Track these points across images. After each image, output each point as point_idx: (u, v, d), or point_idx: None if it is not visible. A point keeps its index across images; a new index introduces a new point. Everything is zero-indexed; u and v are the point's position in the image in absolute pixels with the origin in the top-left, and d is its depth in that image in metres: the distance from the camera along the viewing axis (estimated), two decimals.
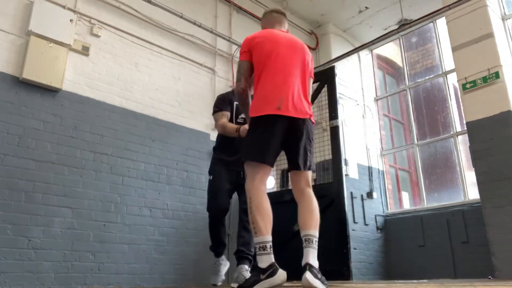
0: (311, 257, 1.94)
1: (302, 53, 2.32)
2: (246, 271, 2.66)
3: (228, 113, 2.89)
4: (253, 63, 2.28)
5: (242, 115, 2.87)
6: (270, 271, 1.86)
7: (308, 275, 1.83)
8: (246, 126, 2.45)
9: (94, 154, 3.47)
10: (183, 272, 3.78)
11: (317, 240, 2.02)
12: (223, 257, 3.05)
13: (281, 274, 1.86)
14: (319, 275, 1.87)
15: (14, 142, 3.06)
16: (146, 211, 3.68)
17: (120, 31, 3.96)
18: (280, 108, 2.10)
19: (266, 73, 2.20)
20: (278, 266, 1.91)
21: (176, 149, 4.08)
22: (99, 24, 3.80)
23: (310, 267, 1.88)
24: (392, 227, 5.86)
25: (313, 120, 2.28)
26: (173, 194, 3.92)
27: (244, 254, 2.74)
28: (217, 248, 3.01)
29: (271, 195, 3.94)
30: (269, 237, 2.00)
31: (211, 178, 2.98)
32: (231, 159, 2.85)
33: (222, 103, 2.94)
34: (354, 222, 5.43)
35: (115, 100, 3.75)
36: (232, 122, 2.85)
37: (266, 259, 1.90)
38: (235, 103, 2.89)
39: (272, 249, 1.96)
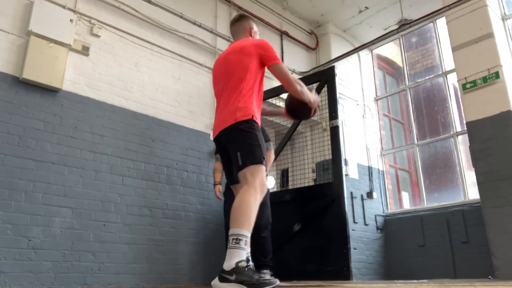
0: (225, 259, 1.88)
1: (230, 58, 2.40)
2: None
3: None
4: None
5: None
6: None
7: (214, 281, 1.86)
8: None
9: (94, 154, 3.47)
10: (183, 272, 3.78)
11: (235, 238, 1.91)
12: None
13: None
14: (232, 277, 1.80)
15: (14, 142, 3.06)
16: (146, 211, 3.68)
17: (120, 31, 3.96)
18: (213, 132, 2.43)
19: None
20: None
21: (176, 149, 4.08)
22: (99, 24, 3.80)
23: (220, 272, 1.86)
24: (392, 227, 5.86)
25: (237, 119, 2.22)
26: (173, 194, 3.92)
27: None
28: None
29: (271, 195, 3.96)
30: None
31: (224, 199, 3.65)
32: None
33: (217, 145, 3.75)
34: (354, 222, 5.43)
35: (115, 100, 3.75)
36: None
37: None
38: None
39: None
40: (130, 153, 3.71)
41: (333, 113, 4.18)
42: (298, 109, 2.57)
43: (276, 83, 5.27)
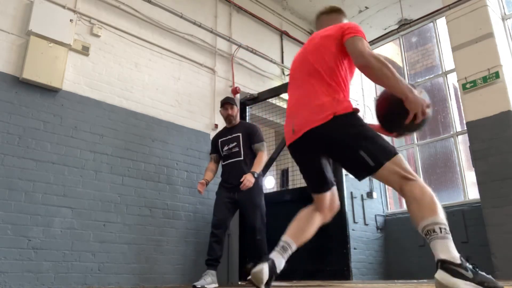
0: (437, 249, 1.55)
1: (315, 45, 2.03)
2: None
3: (215, 155, 3.77)
4: None
5: (225, 148, 3.65)
6: None
7: (438, 274, 1.47)
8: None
9: (94, 154, 3.47)
10: (183, 272, 3.78)
11: (442, 226, 1.64)
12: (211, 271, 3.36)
13: None
14: (462, 270, 1.45)
15: (14, 142, 3.06)
16: (146, 211, 3.68)
17: (120, 31, 3.96)
18: (294, 132, 1.95)
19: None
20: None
21: (176, 149, 4.08)
22: (99, 24, 3.80)
23: (441, 263, 1.49)
24: (392, 227, 5.86)
25: (337, 112, 1.81)
26: (173, 194, 3.92)
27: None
28: (207, 259, 3.41)
29: (271, 195, 3.94)
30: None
31: (215, 197, 3.65)
32: (227, 185, 3.57)
33: (212, 146, 3.83)
34: (354, 222, 5.44)
35: (115, 100, 3.75)
36: (220, 156, 3.71)
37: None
38: (220, 140, 3.72)
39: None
40: (130, 153, 3.71)
41: None
42: (390, 114, 1.87)
43: (275, 83, 5.27)
